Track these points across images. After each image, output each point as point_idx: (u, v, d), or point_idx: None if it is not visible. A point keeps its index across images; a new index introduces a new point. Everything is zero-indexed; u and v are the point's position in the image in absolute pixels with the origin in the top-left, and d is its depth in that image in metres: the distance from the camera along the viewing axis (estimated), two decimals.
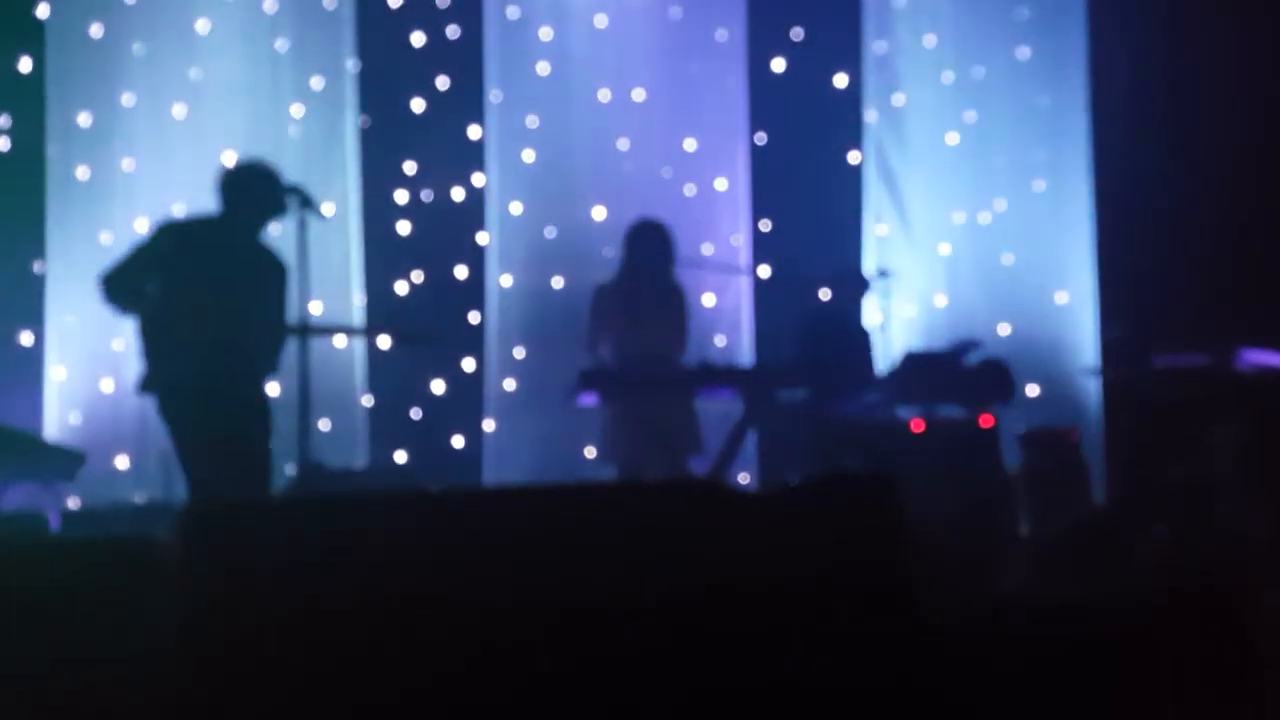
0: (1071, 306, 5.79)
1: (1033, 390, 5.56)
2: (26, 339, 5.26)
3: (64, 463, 4.77)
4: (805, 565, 2.08)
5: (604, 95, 5.66)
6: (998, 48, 5.82)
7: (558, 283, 5.58)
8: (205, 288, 3.95)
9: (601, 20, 5.66)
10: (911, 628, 2.11)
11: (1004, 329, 5.72)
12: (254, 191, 4.11)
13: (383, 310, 5.43)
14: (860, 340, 5.34)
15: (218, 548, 1.96)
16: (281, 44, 5.48)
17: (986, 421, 4.90)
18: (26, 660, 2.13)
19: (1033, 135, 5.81)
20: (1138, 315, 5.42)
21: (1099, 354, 5.69)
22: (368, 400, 5.48)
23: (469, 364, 5.55)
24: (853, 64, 5.79)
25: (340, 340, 5.37)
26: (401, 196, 5.59)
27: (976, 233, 5.81)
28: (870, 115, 5.81)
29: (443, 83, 5.63)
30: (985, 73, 5.84)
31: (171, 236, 4.06)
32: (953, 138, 5.83)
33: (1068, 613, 3.32)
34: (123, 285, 4.01)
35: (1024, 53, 5.87)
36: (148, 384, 4.01)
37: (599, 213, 5.59)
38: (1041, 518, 4.98)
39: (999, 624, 3.01)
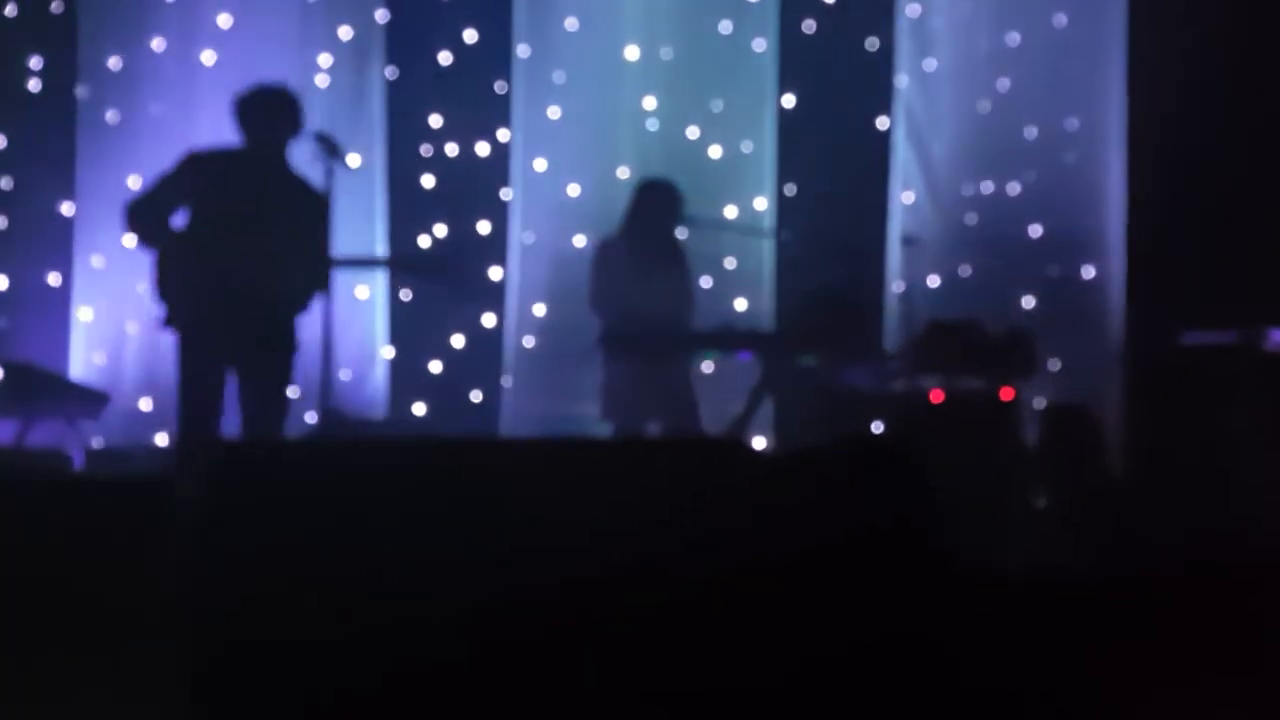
0: (1098, 281, 5.72)
1: (1055, 364, 5.51)
2: (54, 279, 5.32)
3: (88, 402, 4.84)
4: (825, 526, 2.09)
5: (632, 53, 5.62)
6: (1034, 14, 5.71)
7: (580, 241, 5.57)
8: (234, 218, 3.85)
9: None
10: (932, 590, 2.12)
11: (1028, 301, 5.66)
12: (267, 112, 3.99)
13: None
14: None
15: (240, 488, 1.97)
16: None
17: (1007, 394, 4.86)
18: (51, 597, 2.18)
19: (1066, 105, 5.71)
20: (1167, 290, 5.35)
21: (1124, 329, 5.63)
22: (388, 352, 5.52)
23: (489, 319, 5.56)
24: (885, 27, 5.71)
25: (362, 292, 5.40)
26: (426, 150, 5.59)
27: (1004, 203, 5.74)
28: (901, 80, 5.74)
29: (470, 36, 5.61)
30: (1020, 39, 5.74)
31: (198, 166, 3.96)
32: (984, 105, 5.74)
33: (1078, 587, 3.32)
34: (148, 215, 3.91)
35: (1061, 20, 5.75)
36: (170, 319, 3.90)
37: (623, 172, 5.56)
38: (1058, 492, 4.96)
39: (1011, 596, 3.01)
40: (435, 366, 5.53)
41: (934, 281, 5.68)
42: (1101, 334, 5.65)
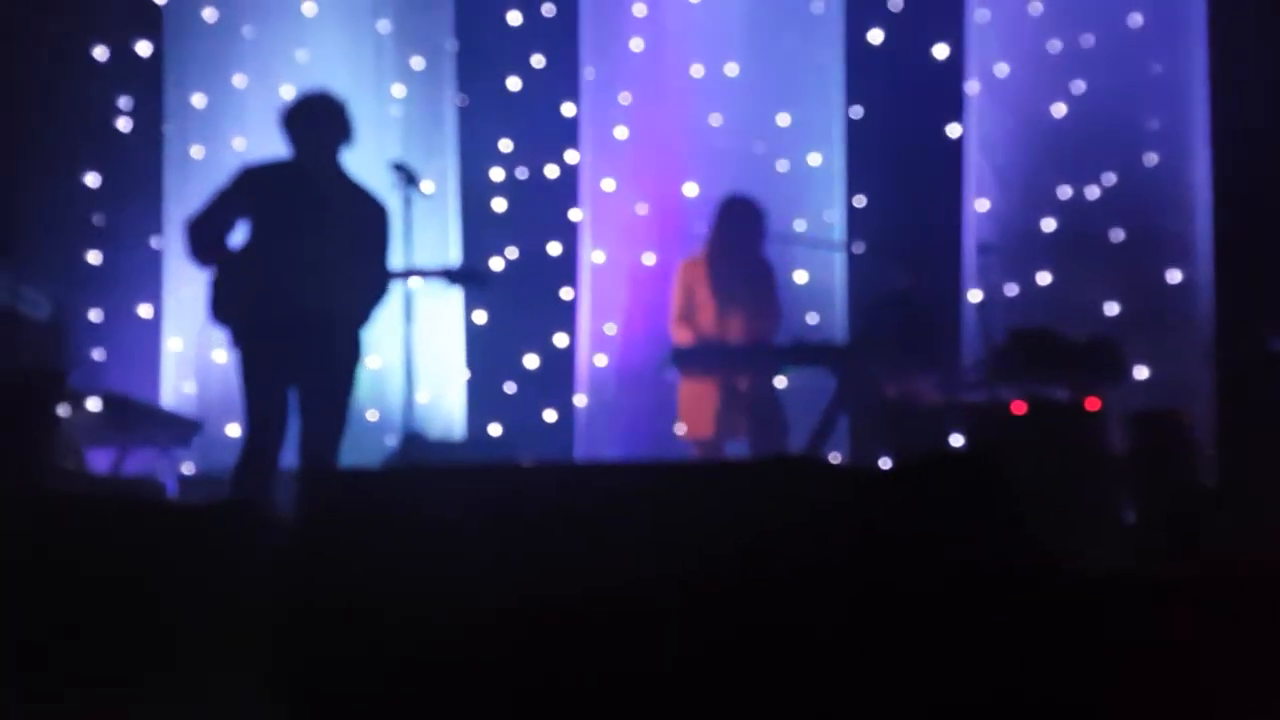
0: (1185, 286, 5.53)
1: (1141, 372, 5.34)
2: (145, 312, 5.52)
3: (180, 430, 5.00)
4: (912, 544, 2.05)
5: (697, 70, 5.64)
6: (1108, 14, 5.57)
7: (649, 259, 5.59)
8: (291, 230, 3.75)
9: None
10: (1023, 607, 2.07)
11: (1111, 308, 5.51)
12: (312, 119, 3.89)
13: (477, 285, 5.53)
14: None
15: (332, 514, 2.00)
16: (383, 25, 5.63)
17: (1092, 405, 4.73)
18: (148, 621, 2.25)
19: (1145, 105, 5.55)
20: (1257, 294, 5.16)
21: (1213, 334, 5.43)
22: (465, 374, 5.59)
23: (561, 339, 5.61)
24: (953, 34, 5.63)
25: (439, 314, 5.49)
26: (497, 174, 5.68)
27: (1083, 208, 5.60)
28: (971, 86, 5.65)
29: (538, 61, 5.69)
30: (1095, 40, 5.61)
31: (253, 180, 3.88)
32: (1059, 109, 5.62)
33: (1168, 596, 3.20)
34: (207, 232, 3.83)
35: (1136, 19, 5.61)
36: (233, 337, 3.82)
37: (691, 189, 5.57)
38: (1148, 503, 4.80)
39: (1100, 607, 2.92)
40: (510, 387, 5.59)
41: (1012, 290, 5.56)
42: (1189, 340, 5.46)
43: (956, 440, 4.76)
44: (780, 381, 5.23)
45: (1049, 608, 2.21)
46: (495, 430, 5.53)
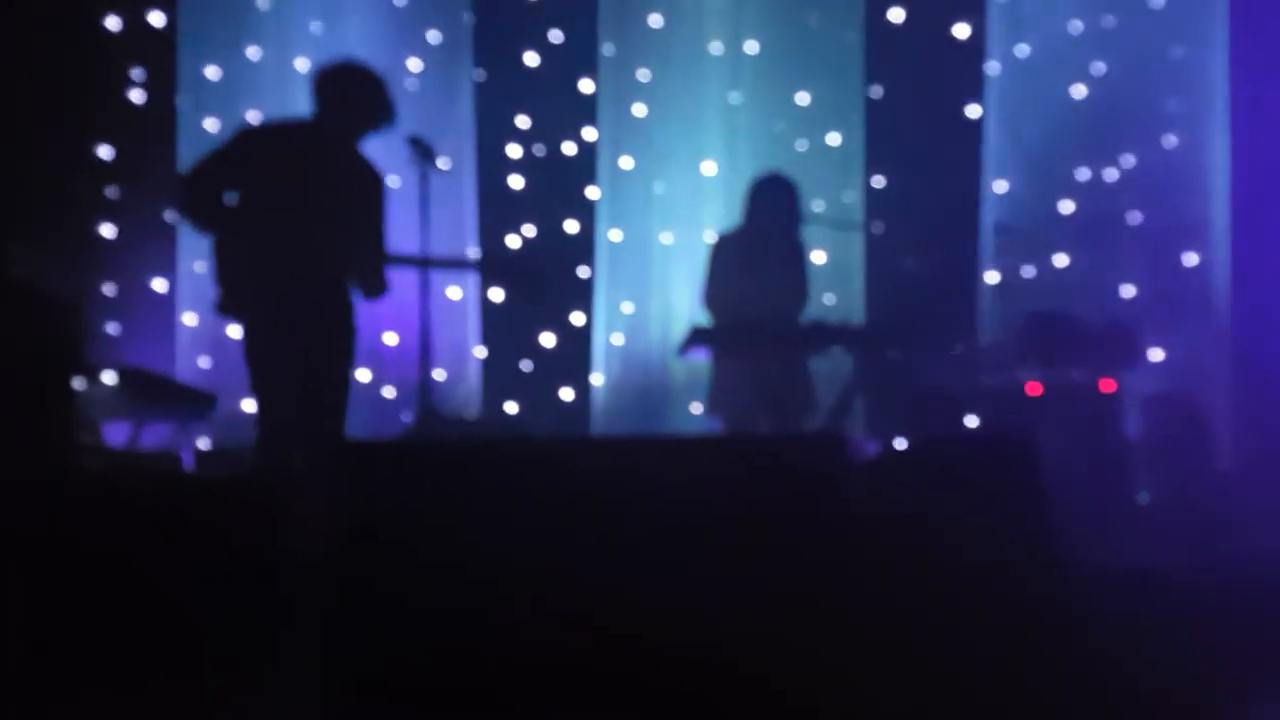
0: (1201, 269, 5.54)
1: (1157, 354, 5.35)
2: (160, 286, 5.48)
3: (196, 404, 4.97)
4: (936, 521, 2.06)
5: (716, 48, 5.60)
6: None
7: (667, 238, 5.57)
8: (285, 196, 3.55)
9: None
10: (1048, 583, 2.08)
11: (1128, 290, 5.52)
12: (353, 92, 3.72)
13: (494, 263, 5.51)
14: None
15: (347, 487, 2.00)
16: None
17: (1108, 386, 4.74)
18: (167, 592, 2.24)
19: (1166, 87, 5.54)
20: (1272, 276, 5.17)
21: (1230, 317, 5.45)
22: (480, 352, 5.58)
23: (578, 318, 5.59)
24: (974, 13, 5.60)
25: (455, 292, 5.47)
26: (514, 151, 5.64)
27: (1101, 190, 5.59)
28: (991, 67, 5.63)
29: (556, 36, 5.64)
30: (1116, 21, 5.59)
31: (253, 141, 3.69)
32: (1079, 90, 5.60)
33: (1183, 580, 3.23)
34: (200, 192, 3.63)
35: (1158, 1, 5.59)
36: (227, 305, 3.68)
37: (709, 168, 5.55)
38: (1163, 485, 4.82)
39: (1116, 592, 2.94)
40: (526, 365, 5.58)
41: (1029, 272, 5.56)
42: (1206, 322, 5.48)
43: (972, 422, 4.77)
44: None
45: (1065, 586, 2.23)
46: (511, 409, 5.52)
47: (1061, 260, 5.59)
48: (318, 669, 1.94)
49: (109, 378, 4.71)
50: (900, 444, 4.27)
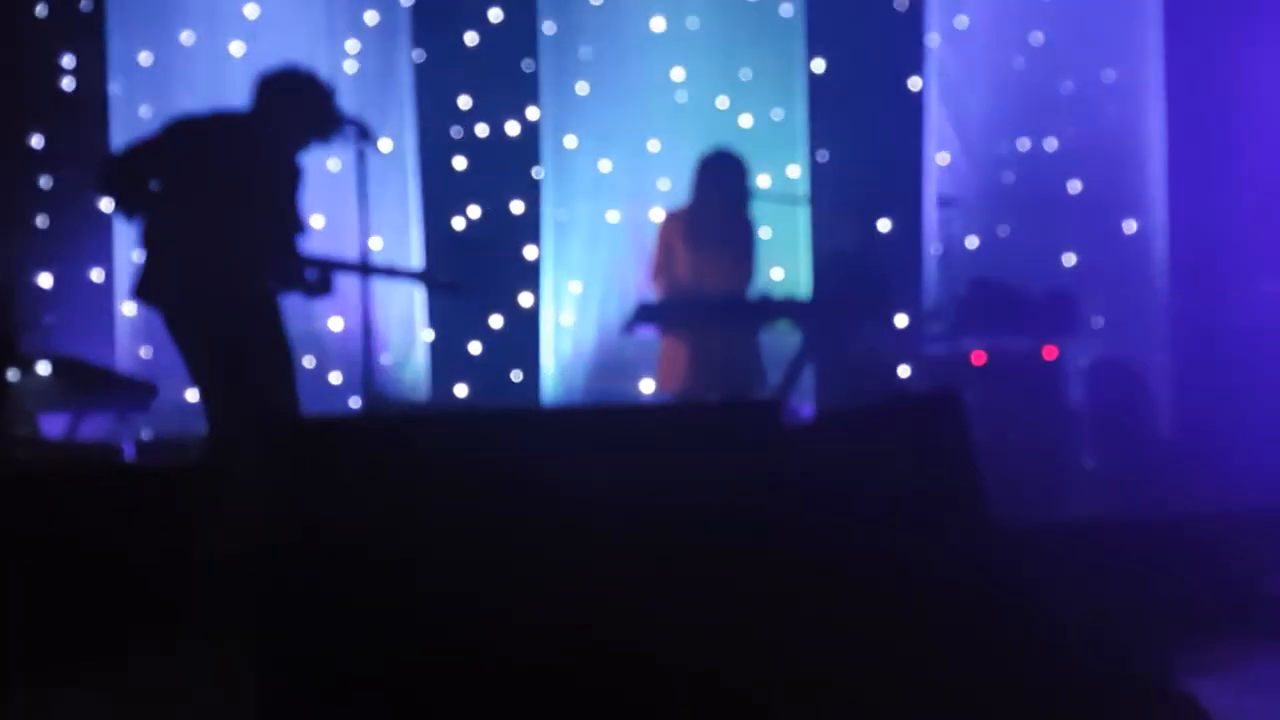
0: (1141, 236, 5.63)
1: (1098, 321, 5.44)
2: (97, 276, 5.39)
3: (137, 394, 4.90)
4: (873, 482, 2.08)
5: (658, 24, 5.58)
6: None
7: (613, 216, 5.56)
8: (212, 192, 3.52)
9: None
10: (980, 539, 2.11)
11: (1069, 259, 5.59)
12: (300, 105, 3.66)
13: (440, 246, 5.47)
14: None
15: (286, 467, 1.97)
16: None
17: (1050, 354, 4.82)
18: (107, 584, 2.22)
19: (1103, 58, 5.60)
20: (1210, 243, 5.26)
21: (1168, 284, 5.54)
22: (428, 335, 5.55)
23: (526, 299, 5.58)
24: None
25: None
26: (457, 131, 5.60)
27: (1042, 160, 5.65)
28: (932, 39, 5.65)
29: (495, 15, 5.60)
30: None
31: (182, 134, 3.62)
32: (1018, 61, 5.65)
33: (1127, 539, 3.29)
34: (123, 177, 3.59)
35: None
36: (144, 291, 3.63)
37: (654, 145, 5.54)
38: (1106, 450, 4.91)
39: (1059, 551, 3.00)
40: (475, 348, 5.56)
41: (972, 242, 5.61)
42: (1145, 289, 5.57)
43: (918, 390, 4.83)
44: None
45: (1002, 549, 2.27)
46: (461, 391, 5.50)
47: (1003, 230, 5.65)
48: (252, 651, 1.93)
49: (44, 368, 4.63)
50: (843, 408, 4.31)
